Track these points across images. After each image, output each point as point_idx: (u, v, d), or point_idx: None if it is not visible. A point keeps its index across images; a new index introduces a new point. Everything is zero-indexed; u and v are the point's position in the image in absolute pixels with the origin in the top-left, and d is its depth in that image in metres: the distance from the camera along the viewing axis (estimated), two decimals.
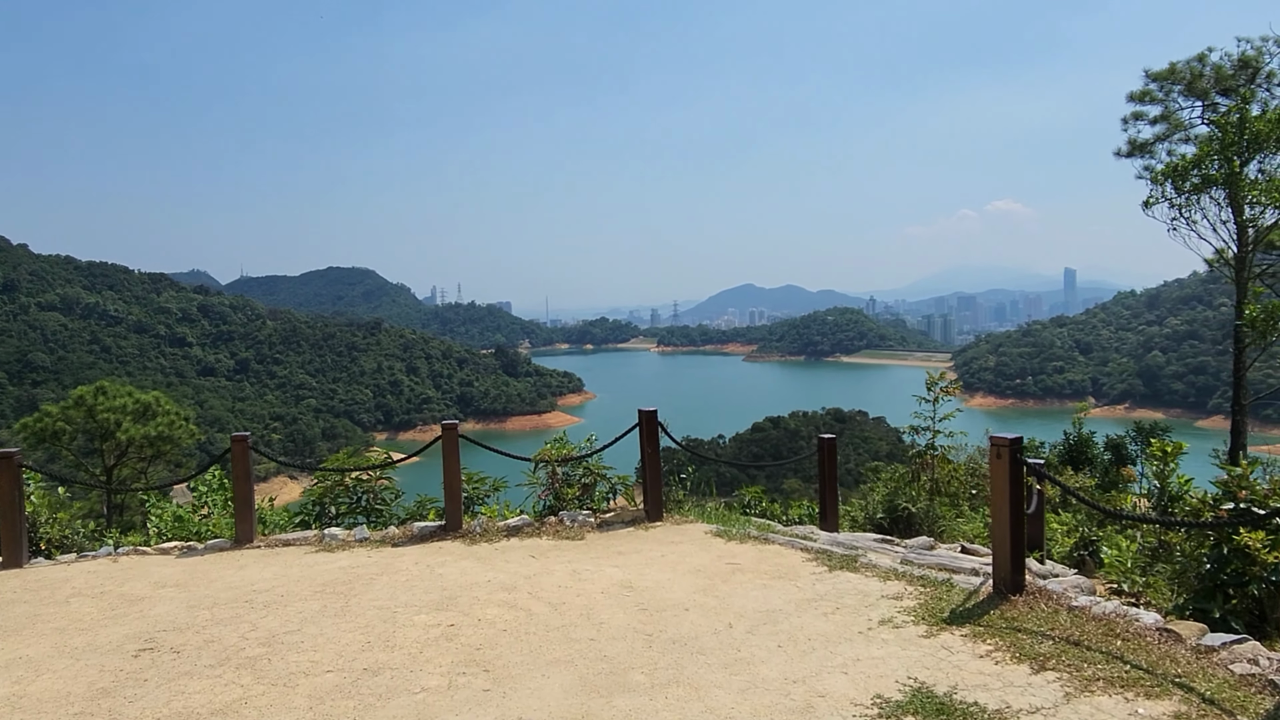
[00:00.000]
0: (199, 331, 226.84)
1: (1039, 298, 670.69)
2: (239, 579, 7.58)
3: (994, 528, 6.34)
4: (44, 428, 23.58)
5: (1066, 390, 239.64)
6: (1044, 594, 6.17)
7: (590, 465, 10.26)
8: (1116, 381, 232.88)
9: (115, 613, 6.70)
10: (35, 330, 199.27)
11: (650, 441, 9.24)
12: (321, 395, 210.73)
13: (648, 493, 9.44)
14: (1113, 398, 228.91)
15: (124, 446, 24.17)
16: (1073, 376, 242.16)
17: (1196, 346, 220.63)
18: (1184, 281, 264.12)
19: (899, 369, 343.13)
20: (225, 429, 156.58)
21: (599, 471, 10.23)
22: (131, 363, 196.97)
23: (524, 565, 7.74)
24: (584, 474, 10.11)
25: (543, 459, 10.00)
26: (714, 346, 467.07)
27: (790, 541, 8.28)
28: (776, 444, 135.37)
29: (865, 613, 6.14)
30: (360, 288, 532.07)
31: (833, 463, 10.35)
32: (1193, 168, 17.46)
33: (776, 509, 13.38)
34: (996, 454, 6.17)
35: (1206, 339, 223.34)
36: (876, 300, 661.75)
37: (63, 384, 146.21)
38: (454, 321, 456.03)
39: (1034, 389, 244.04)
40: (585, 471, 10.15)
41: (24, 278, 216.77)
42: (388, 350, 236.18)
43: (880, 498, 11.75)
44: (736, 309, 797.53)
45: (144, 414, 24.42)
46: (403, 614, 6.40)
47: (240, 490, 8.81)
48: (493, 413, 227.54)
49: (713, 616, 6.17)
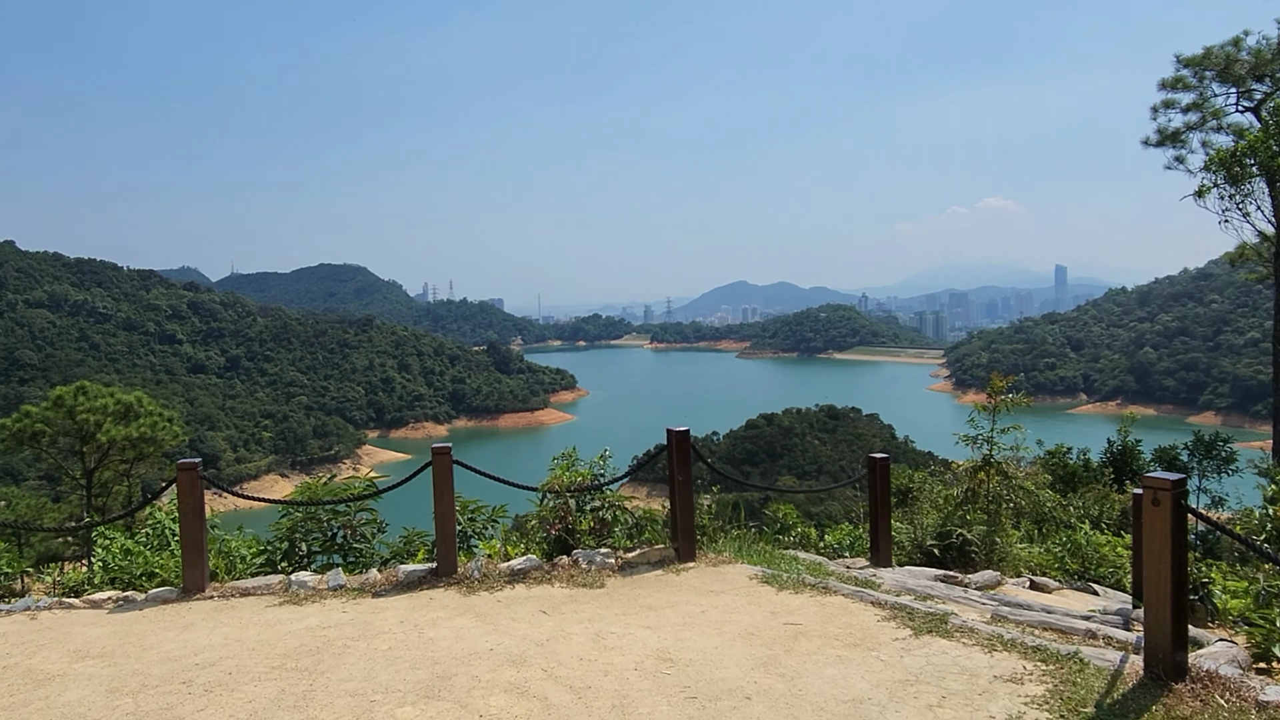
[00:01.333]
0: (189, 329, 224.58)
1: (1030, 294, 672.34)
2: (180, 645, 6.10)
3: (1149, 595, 4.91)
4: (23, 429, 22.37)
5: (1059, 387, 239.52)
6: (1214, 681, 4.75)
7: (609, 496, 8.72)
8: (1108, 378, 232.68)
9: (11, 702, 5.22)
10: (23, 327, 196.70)
11: (681, 467, 7.76)
12: (313, 393, 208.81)
13: (678, 528, 7.95)
14: (1104, 394, 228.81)
15: (105, 449, 22.87)
16: (1065, 373, 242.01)
17: (1188, 343, 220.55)
18: (1175, 278, 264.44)
19: (892, 365, 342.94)
20: (216, 427, 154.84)
21: (617, 503, 8.69)
22: (120, 360, 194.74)
23: (534, 625, 6.29)
24: (603, 507, 8.56)
25: (552, 488, 8.45)
26: (707, 343, 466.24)
27: (857, 593, 6.83)
28: (770, 441, 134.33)
29: (983, 706, 4.71)
30: (352, 284, 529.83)
31: (885, 486, 8.94)
32: (1246, 155, 16.11)
33: (813, 534, 11.97)
34: (1153, 499, 4.75)
35: (1198, 335, 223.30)
36: (869, 297, 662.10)
37: (50, 381, 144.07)
38: (446, 318, 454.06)
39: (1026, 386, 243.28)
40: (604, 504, 8.60)
41: (10, 274, 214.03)
42: (379, 347, 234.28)
43: (932, 523, 10.33)
44: (730, 306, 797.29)
45: (125, 415, 23.28)
46: (382, 704, 4.94)
47: (189, 531, 7.27)
48: (485, 410, 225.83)
49: (784, 711, 4.75)
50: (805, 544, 11.27)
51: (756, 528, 11.08)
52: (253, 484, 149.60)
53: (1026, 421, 49.28)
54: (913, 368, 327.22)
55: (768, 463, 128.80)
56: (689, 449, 7.94)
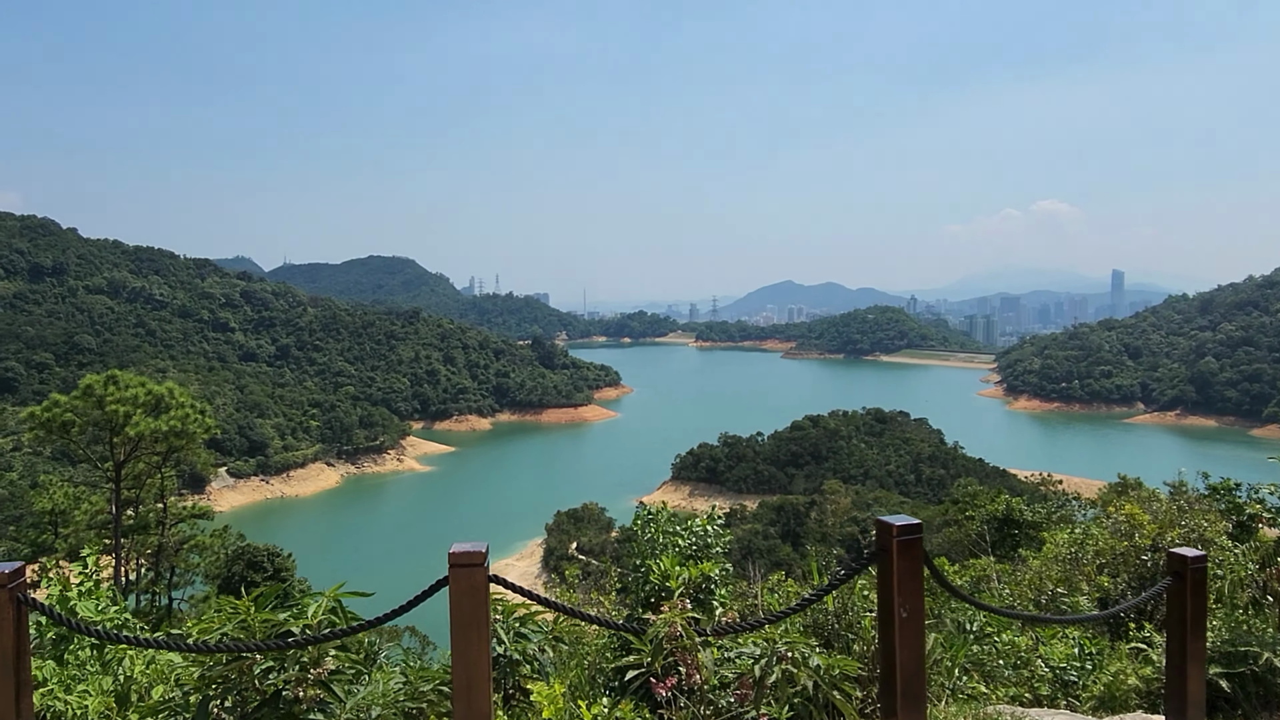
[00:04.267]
0: (241, 317, 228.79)
1: (1085, 300, 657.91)
2: None
3: None
4: (52, 418, 21.81)
5: (1114, 395, 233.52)
6: None
7: (770, 637, 5.50)
8: (1167, 387, 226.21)
9: None
10: (82, 313, 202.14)
11: (909, 589, 4.76)
12: (360, 383, 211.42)
13: (896, 696, 4.67)
14: (1162, 404, 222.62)
15: (134, 442, 22.40)
16: (1121, 381, 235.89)
17: (1252, 353, 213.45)
18: (1239, 286, 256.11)
19: (940, 369, 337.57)
20: (265, 414, 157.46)
21: (787, 650, 5.34)
22: (175, 346, 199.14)
23: None
24: (765, 657, 5.30)
25: (665, 631, 5.20)
26: (752, 343, 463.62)
27: None
28: (816, 443, 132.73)
29: None
30: (400, 277, 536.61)
31: (1201, 605, 5.83)
32: None
33: (1022, 644, 8.26)
34: None
35: (1263, 345, 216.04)
36: (918, 299, 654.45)
37: (107, 366, 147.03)
38: (491, 312, 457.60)
39: (1080, 393, 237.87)
40: (768, 654, 5.32)
41: (72, 261, 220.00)
42: (425, 339, 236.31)
43: (1221, 642, 6.97)
44: (775, 305, 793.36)
45: (156, 407, 22.55)
46: None
47: None
48: (529, 404, 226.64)
49: None
50: (1015, 661, 7.84)
51: None
52: (299, 471, 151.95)
53: (1081, 431, 46.76)
54: (962, 372, 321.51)
55: (812, 465, 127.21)
56: (920, 555, 4.68)
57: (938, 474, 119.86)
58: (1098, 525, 10.78)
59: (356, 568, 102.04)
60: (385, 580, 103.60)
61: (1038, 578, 9.91)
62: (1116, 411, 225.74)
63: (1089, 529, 10.69)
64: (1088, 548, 9.98)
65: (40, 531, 25.43)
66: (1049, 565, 10.24)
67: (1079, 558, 9.98)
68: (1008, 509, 18.91)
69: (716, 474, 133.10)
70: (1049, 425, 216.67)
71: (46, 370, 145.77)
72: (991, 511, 19.31)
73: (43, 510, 24.90)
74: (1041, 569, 10.22)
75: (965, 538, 21.99)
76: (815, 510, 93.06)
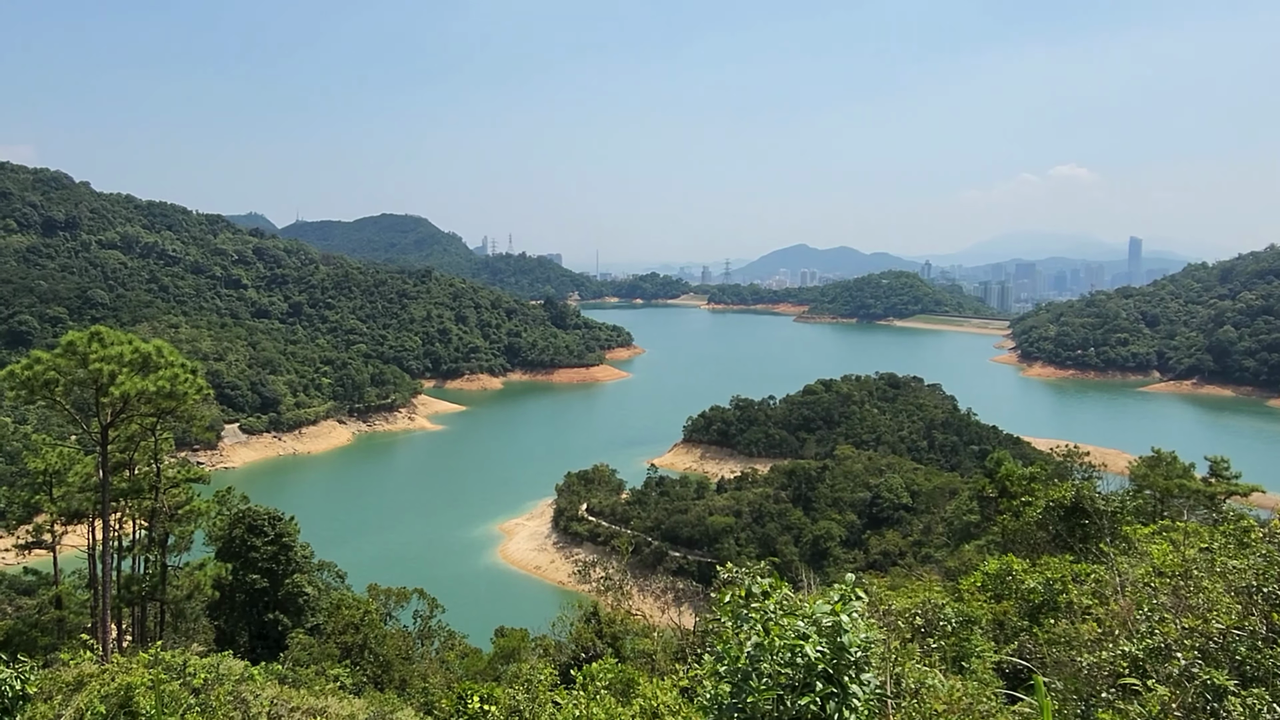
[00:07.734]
0: (254, 274, 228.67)
1: (1101, 267, 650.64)
2: None
3: None
4: (33, 376, 20.64)
5: (1130, 363, 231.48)
6: None
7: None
8: (1184, 356, 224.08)
9: None
10: (95, 267, 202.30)
11: None
12: (372, 341, 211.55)
13: None
14: (1179, 373, 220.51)
15: (120, 402, 21.42)
16: (1137, 349, 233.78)
17: (1272, 322, 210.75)
18: (1260, 254, 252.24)
19: (954, 335, 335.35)
20: (277, 371, 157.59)
21: None
22: (188, 302, 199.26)
23: None
24: None
25: None
26: (765, 306, 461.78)
27: None
28: (828, 407, 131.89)
29: None
30: (413, 235, 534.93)
31: None
32: None
33: None
34: None
35: None
36: (932, 264, 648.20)
37: (120, 321, 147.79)
38: (504, 272, 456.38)
39: (1096, 361, 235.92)
40: None
41: (85, 215, 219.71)
42: (437, 298, 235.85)
43: None
44: (789, 269, 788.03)
45: (144, 365, 21.36)
46: None
47: None
48: (540, 364, 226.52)
49: None
50: None
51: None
52: (311, 429, 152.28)
53: (1097, 399, 44.57)
54: (976, 338, 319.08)
55: (824, 429, 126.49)
56: None
57: (950, 440, 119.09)
58: (1222, 531, 9.05)
59: (366, 526, 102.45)
60: (395, 540, 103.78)
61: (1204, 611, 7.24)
62: (1132, 380, 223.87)
63: (1215, 537, 8.56)
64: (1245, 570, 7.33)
65: (34, 492, 24.93)
66: (1191, 587, 7.68)
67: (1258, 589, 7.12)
68: (1077, 496, 17.30)
69: (728, 437, 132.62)
70: (1063, 392, 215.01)
71: (60, 324, 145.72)
72: (1056, 499, 17.73)
73: (36, 471, 24.35)
74: (1195, 594, 7.56)
75: (1024, 527, 20.15)
76: (828, 475, 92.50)
